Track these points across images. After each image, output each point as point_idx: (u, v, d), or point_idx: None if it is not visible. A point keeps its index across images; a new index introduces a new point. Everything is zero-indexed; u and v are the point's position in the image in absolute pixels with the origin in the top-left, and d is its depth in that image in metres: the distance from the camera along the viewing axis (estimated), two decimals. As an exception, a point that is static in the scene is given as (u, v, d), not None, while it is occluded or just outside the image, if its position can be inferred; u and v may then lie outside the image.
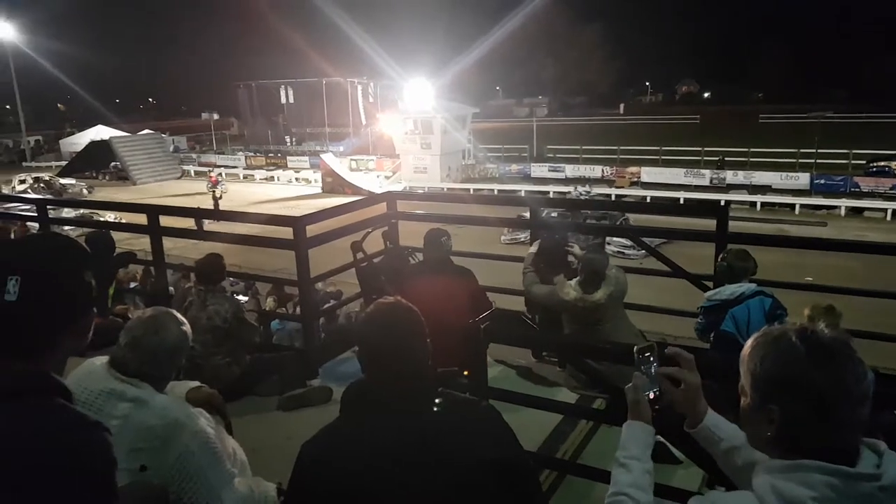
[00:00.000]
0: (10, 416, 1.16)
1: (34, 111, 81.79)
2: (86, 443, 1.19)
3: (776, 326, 1.39)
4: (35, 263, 1.25)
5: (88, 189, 37.74)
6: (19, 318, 1.22)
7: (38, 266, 1.25)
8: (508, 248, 17.23)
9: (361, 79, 47.63)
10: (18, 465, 1.12)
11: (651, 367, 1.63)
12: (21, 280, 1.20)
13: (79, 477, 1.16)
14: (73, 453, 1.17)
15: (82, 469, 1.17)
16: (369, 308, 1.85)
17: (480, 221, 6.18)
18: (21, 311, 1.21)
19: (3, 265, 1.22)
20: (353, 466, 1.61)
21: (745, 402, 1.38)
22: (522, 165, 37.55)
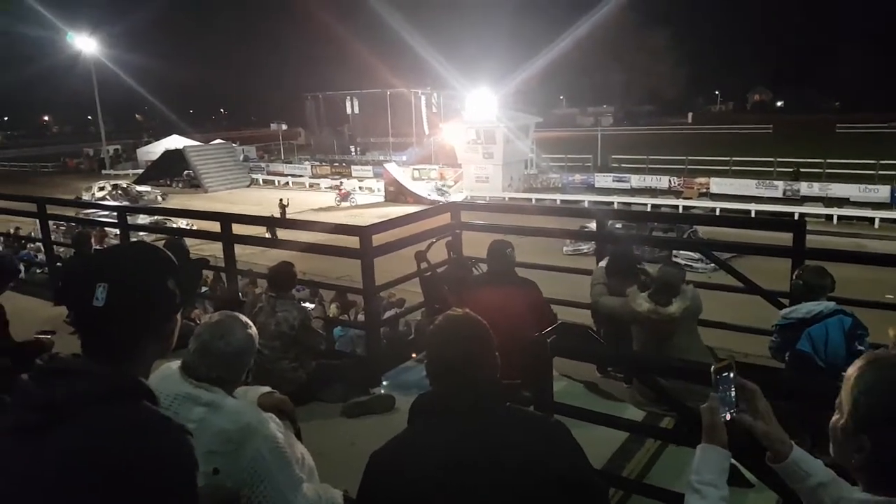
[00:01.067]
0: (102, 419, 1.21)
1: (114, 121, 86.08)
2: (173, 446, 1.24)
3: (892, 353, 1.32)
4: (122, 271, 1.32)
5: (163, 196, 39.36)
6: (107, 322, 1.28)
7: (124, 274, 1.31)
8: (571, 260, 17.02)
9: (425, 89, 48.13)
10: (109, 467, 1.17)
11: (729, 387, 1.57)
12: (108, 287, 1.27)
13: (166, 479, 1.21)
14: (161, 456, 1.21)
15: (169, 471, 1.22)
16: (438, 319, 1.85)
17: (545, 232, 6.13)
18: (108, 317, 1.27)
19: (92, 273, 1.29)
20: (423, 477, 1.62)
21: (837, 419, 1.32)
22: (586, 175, 37.13)
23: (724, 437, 1.55)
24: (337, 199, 31.90)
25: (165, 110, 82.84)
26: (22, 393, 1.26)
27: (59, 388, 1.23)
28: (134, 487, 1.17)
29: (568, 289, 5.67)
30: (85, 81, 60.52)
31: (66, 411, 1.20)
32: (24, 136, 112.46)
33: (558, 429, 1.78)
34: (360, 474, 2.67)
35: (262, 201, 33.29)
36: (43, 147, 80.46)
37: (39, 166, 61.73)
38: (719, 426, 1.56)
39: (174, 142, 51.21)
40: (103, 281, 1.27)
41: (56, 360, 1.29)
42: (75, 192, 37.28)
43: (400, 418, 4.40)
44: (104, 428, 1.20)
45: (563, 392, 4.21)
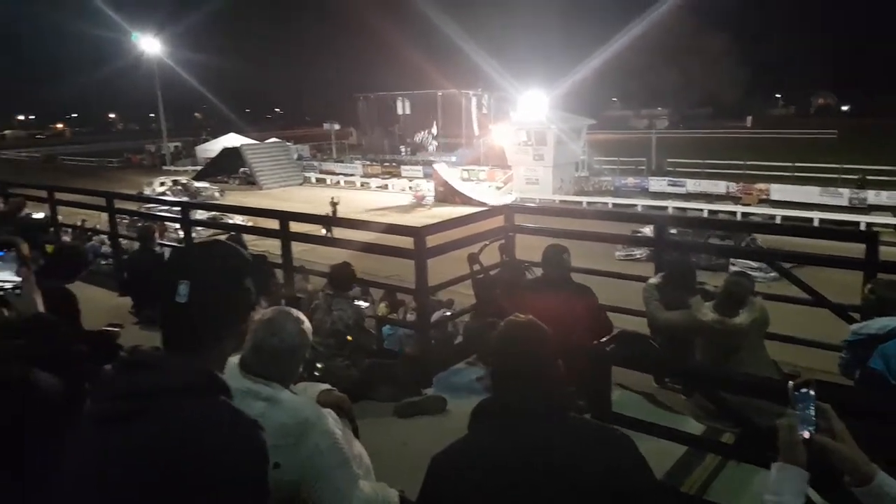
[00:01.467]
0: (181, 412, 1.25)
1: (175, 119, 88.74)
2: (248, 440, 1.27)
3: None
4: (204, 270, 1.36)
5: (220, 192, 40.35)
6: (188, 318, 1.32)
7: (206, 272, 1.36)
8: (623, 265, 16.74)
9: (476, 90, 48.13)
10: (187, 458, 1.20)
11: (809, 405, 1.51)
12: (191, 284, 1.31)
13: (241, 472, 1.24)
14: (237, 450, 1.25)
15: (244, 465, 1.25)
16: (502, 324, 1.84)
17: (598, 237, 6.05)
18: (190, 313, 1.32)
19: (176, 270, 1.33)
20: (485, 483, 1.61)
21: None
22: (640, 179, 36.44)
23: (804, 456, 1.49)
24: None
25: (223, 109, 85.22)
26: (106, 383, 1.31)
27: (142, 379, 1.27)
28: (210, 479, 1.20)
29: (621, 295, 5.58)
30: (148, 80, 62.69)
31: (147, 402, 1.23)
32: (91, 132, 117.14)
33: (624, 441, 1.75)
34: (412, 475, 2.68)
35: (314, 199, 33.80)
36: (108, 143, 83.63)
37: (105, 161, 64.07)
38: (798, 445, 1.50)
39: (231, 140, 52.46)
40: (186, 278, 1.31)
41: (138, 353, 1.34)
42: (137, 186, 38.53)
43: (451, 420, 4.44)
44: (183, 420, 1.24)
45: (619, 402, 4.14)
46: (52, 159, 68.50)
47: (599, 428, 1.83)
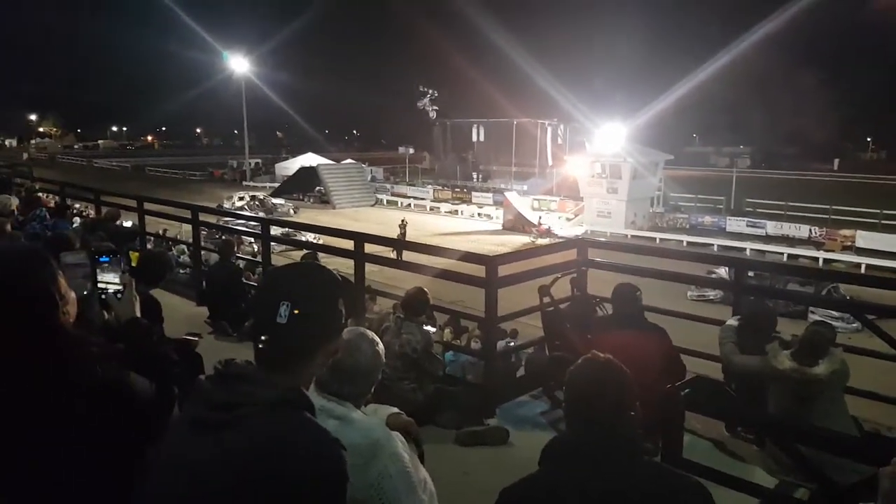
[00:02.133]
0: (271, 425, 1.30)
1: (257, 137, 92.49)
2: (331, 458, 1.31)
3: None
4: (304, 292, 1.42)
5: (294, 209, 41.63)
6: (285, 337, 1.38)
7: (306, 295, 1.42)
8: (696, 306, 16.26)
9: (552, 120, 48.15)
10: (273, 470, 1.25)
11: None
12: (291, 306, 1.36)
13: (322, 488, 1.28)
14: (320, 465, 1.29)
15: (326, 481, 1.29)
16: (580, 362, 1.83)
17: (674, 277, 5.90)
18: (288, 333, 1.38)
19: (277, 292, 1.39)
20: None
21: None
22: (717, 218, 35.40)
23: None
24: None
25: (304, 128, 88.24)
26: (201, 392, 1.37)
27: (235, 391, 1.33)
28: (292, 492, 1.24)
29: (693, 337, 5.41)
30: (235, 98, 65.60)
31: (240, 413, 1.29)
32: (178, 145, 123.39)
33: (700, 491, 1.70)
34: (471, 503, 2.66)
35: (386, 220, 34.39)
36: (194, 157, 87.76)
37: (188, 174, 67.17)
38: None
39: (309, 159, 54.15)
40: (288, 300, 1.37)
41: (232, 366, 1.40)
42: (217, 199, 40.15)
43: (514, 453, 4.39)
44: (272, 433, 1.29)
45: (689, 448, 4.01)
46: (140, 170, 72.44)
47: (674, 475, 1.79)
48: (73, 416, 1.68)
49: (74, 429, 1.68)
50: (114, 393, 1.74)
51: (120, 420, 1.72)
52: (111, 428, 1.71)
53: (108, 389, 1.72)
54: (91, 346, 1.78)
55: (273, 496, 1.25)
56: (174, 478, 1.34)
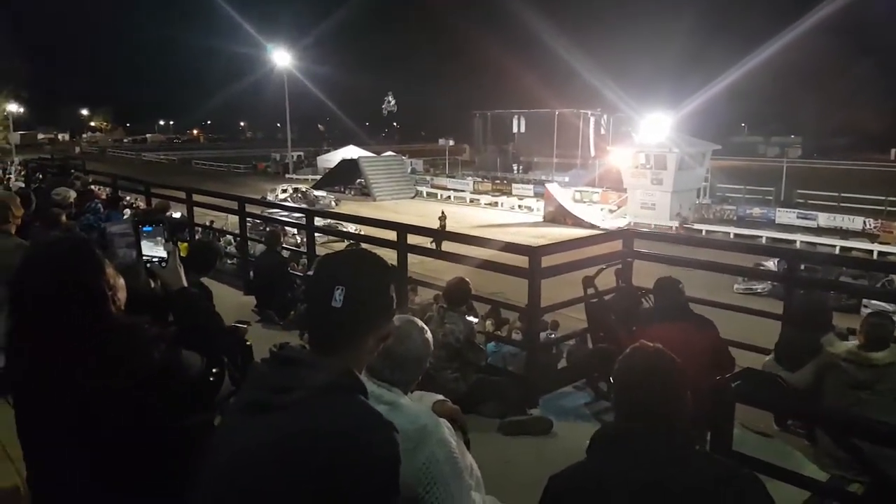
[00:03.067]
0: (326, 407, 1.33)
1: (299, 130, 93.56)
2: (385, 440, 1.33)
3: None
4: (358, 277, 1.45)
5: (335, 202, 42.05)
6: (339, 322, 1.41)
7: (360, 279, 1.45)
8: (742, 299, 15.90)
9: (595, 110, 47.49)
10: (327, 452, 1.27)
11: None
12: (346, 290, 1.39)
13: (376, 470, 1.30)
14: (374, 448, 1.31)
15: (380, 463, 1.31)
16: (629, 351, 1.82)
17: (722, 268, 5.78)
18: (342, 317, 1.40)
19: (332, 277, 1.41)
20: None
21: None
22: (766, 209, 34.46)
23: None
24: None
25: (345, 121, 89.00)
26: (257, 375, 1.41)
27: (291, 374, 1.36)
28: (346, 474, 1.27)
29: (740, 330, 5.29)
30: (277, 92, 66.45)
31: (295, 397, 1.32)
32: (223, 139, 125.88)
33: (754, 482, 1.68)
34: (515, 493, 2.67)
35: (426, 212, 34.49)
36: (238, 150, 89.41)
37: (233, 167, 68.46)
38: None
39: (350, 152, 54.56)
40: (342, 285, 1.40)
41: (287, 350, 1.43)
42: (261, 192, 40.86)
43: (556, 443, 4.37)
44: (327, 416, 1.31)
45: (739, 441, 3.94)
46: (187, 163, 74.17)
47: (727, 465, 1.76)
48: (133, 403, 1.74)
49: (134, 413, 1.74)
50: (169, 375, 1.79)
51: (175, 399, 1.78)
52: (167, 408, 1.77)
53: (164, 372, 1.78)
54: (145, 331, 1.84)
55: (327, 478, 1.27)
56: (230, 460, 1.37)
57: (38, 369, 1.75)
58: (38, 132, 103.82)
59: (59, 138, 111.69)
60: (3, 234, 4.01)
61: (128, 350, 1.76)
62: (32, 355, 1.76)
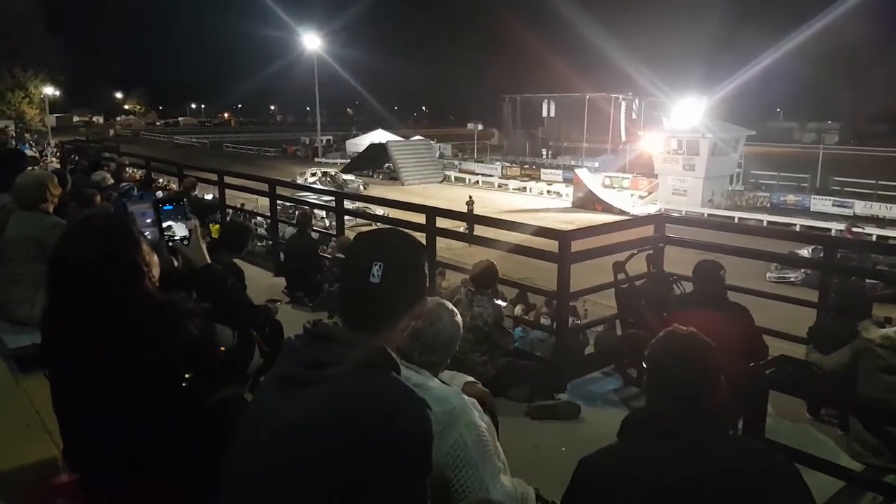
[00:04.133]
0: (361, 383, 1.34)
1: (329, 114, 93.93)
2: (420, 417, 1.33)
3: None
4: (396, 254, 1.46)
5: (364, 186, 42.14)
6: (376, 298, 1.42)
7: (397, 256, 1.45)
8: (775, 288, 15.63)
9: (626, 94, 46.78)
10: (363, 428, 1.28)
11: None
12: (384, 266, 1.40)
13: (411, 446, 1.31)
14: (409, 425, 1.32)
15: (415, 439, 1.32)
16: (662, 335, 1.79)
17: (756, 255, 5.68)
18: (380, 293, 1.41)
19: (370, 253, 1.43)
20: (636, 494, 1.58)
21: None
22: (801, 197, 33.69)
23: None
24: None
25: (373, 105, 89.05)
26: (291, 351, 1.42)
27: (326, 350, 1.37)
28: (380, 451, 1.27)
29: (773, 319, 5.21)
30: (307, 76, 66.60)
31: (329, 372, 1.33)
32: (253, 122, 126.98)
33: (786, 467, 1.66)
34: (543, 476, 2.67)
35: (454, 197, 34.41)
36: (269, 133, 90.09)
37: (263, 150, 68.98)
38: None
39: (378, 136, 54.63)
40: (381, 261, 1.40)
41: (321, 326, 1.44)
42: (290, 175, 41.07)
43: (585, 428, 4.36)
44: (360, 392, 1.32)
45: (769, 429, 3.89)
46: (218, 146, 74.98)
47: (760, 449, 1.74)
48: (169, 375, 1.78)
49: (170, 386, 1.78)
50: (204, 348, 1.82)
51: (209, 371, 1.81)
52: (202, 381, 1.80)
53: (200, 345, 1.81)
54: (180, 306, 1.87)
55: (361, 453, 1.28)
56: (264, 435, 1.39)
57: (74, 343, 1.78)
58: (73, 115, 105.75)
59: (93, 121, 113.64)
60: (42, 212, 4.07)
61: (164, 323, 1.79)
62: (69, 329, 1.80)
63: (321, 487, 1.29)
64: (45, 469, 2.25)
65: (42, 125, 52.38)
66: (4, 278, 4.00)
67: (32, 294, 3.90)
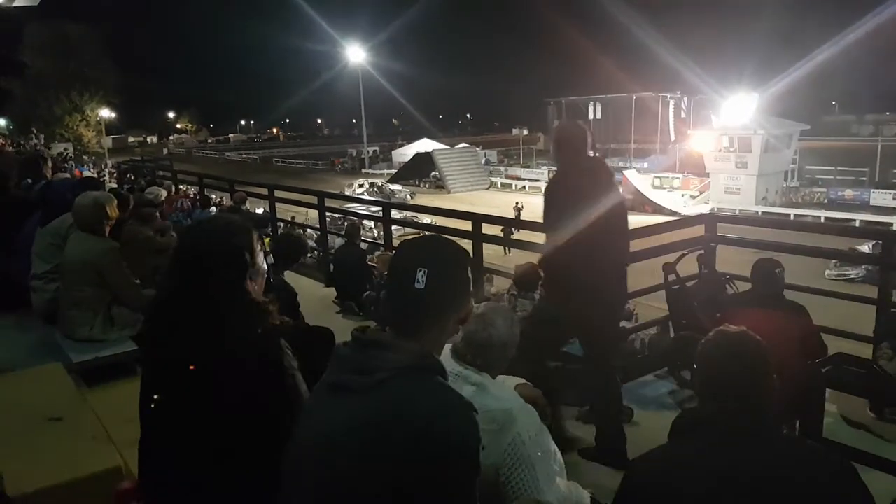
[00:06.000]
0: (410, 389, 1.38)
1: (374, 125, 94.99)
2: (467, 421, 1.36)
3: None
4: (439, 260, 1.49)
5: (411, 195, 42.47)
6: (421, 303, 1.46)
7: (441, 262, 1.49)
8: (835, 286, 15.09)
9: (674, 93, 45.95)
10: (414, 432, 1.32)
11: None
12: (428, 272, 1.43)
13: (460, 450, 1.34)
14: (458, 429, 1.35)
15: (463, 443, 1.35)
16: (712, 334, 1.78)
17: (813, 252, 5.52)
18: (425, 298, 1.45)
19: (414, 259, 1.47)
20: (687, 493, 1.57)
21: None
22: (860, 191, 32.50)
23: None
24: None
25: (418, 115, 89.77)
26: (339, 358, 1.47)
27: (372, 356, 1.42)
28: (428, 455, 1.31)
29: (833, 318, 5.04)
30: (351, 89, 67.56)
31: (376, 378, 1.37)
32: (301, 136, 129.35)
33: (846, 468, 1.62)
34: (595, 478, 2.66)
35: (500, 203, 34.39)
36: (316, 147, 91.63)
37: (311, 163, 70.18)
38: None
39: (424, 145, 54.97)
40: (425, 267, 1.45)
41: (369, 332, 1.49)
42: (339, 187, 41.71)
43: (638, 432, 4.32)
44: (408, 397, 1.37)
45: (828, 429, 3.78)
46: (267, 161, 76.71)
47: (815, 449, 1.71)
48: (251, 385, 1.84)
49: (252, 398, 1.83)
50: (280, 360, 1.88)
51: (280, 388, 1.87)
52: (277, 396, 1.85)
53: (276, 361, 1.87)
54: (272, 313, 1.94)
55: (410, 457, 1.32)
56: (314, 441, 1.44)
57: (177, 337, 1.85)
58: (128, 136, 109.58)
59: (147, 141, 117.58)
60: (98, 235, 4.16)
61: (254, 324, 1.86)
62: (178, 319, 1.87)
63: (372, 492, 1.33)
64: (111, 478, 2.36)
65: (99, 147, 54.38)
66: (65, 299, 4.15)
67: (92, 317, 4.07)
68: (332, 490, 1.38)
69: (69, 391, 3.20)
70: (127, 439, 2.19)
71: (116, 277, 4.11)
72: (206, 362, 1.80)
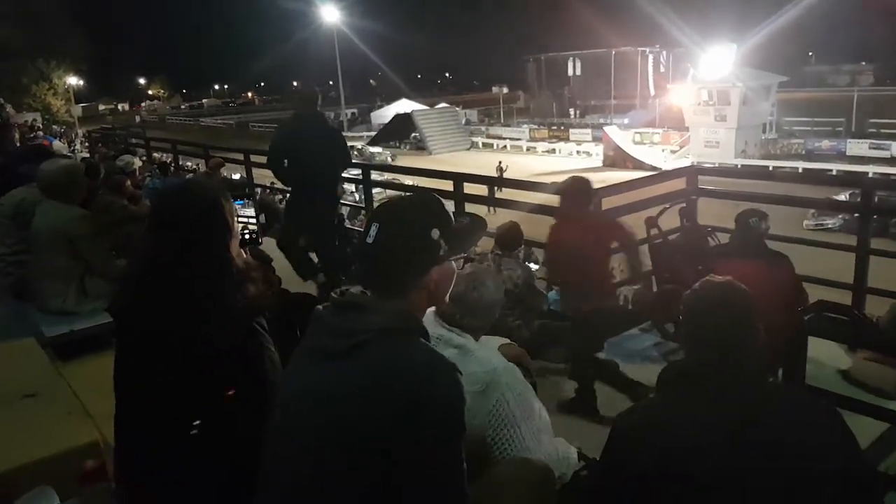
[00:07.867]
0: (393, 350, 1.34)
1: (351, 87, 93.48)
2: (451, 382, 1.33)
3: None
4: (395, 215, 1.46)
5: (392, 157, 42.12)
6: (373, 257, 1.42)
7: (397, 217, 1.45)
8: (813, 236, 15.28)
9: (653, 47, 45.62)
10: (400, 394, 1.28)
11: None
12: (379, 227, 1.41)
13: (445, 411, 1.31)
14: (442, 390, 1.32)
15: (448, 405, 1.32)
16: (697, 285, 1.75)
17: (792, 202, 5.53)
18: (374, 252, 1.42)
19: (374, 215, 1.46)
20: (673, 446, 1.56)
21: None
22: (836, 141, 32.73)
23: None
24: None
25: (396, 76, 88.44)
26: (319, 321, 1.42)
27: (351, 319, 1.37)
28: (411, 417, 1.27)
29: (812, 266, 5.07)
30: (328, 49, 66.16)
31: (356, 340, 1.33)
32: (276, 99, 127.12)
33: (831, 414, 1.62)
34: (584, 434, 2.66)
35: (483, 164, 34.22)
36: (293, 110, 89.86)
37: (289, 127, 68.85)
38: None
39: (403, 106, 54.32)
40: (377, 222, 1.42)
41: (347, 295, 1.44)
42: (318, 151, 41.14)
43: (624, 386, 4.27)
44: (388, 358, 1.33)
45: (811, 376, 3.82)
46: (244, 126, 75.43)
47: (802, 397, 1.70)
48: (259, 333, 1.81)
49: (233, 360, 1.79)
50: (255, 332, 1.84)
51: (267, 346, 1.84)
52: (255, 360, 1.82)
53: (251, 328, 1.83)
54: (255, 281, 1.90)
55: (394, 419, 1.29)
56: (295, 407, 1.41)
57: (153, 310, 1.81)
58: (98, 104, 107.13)
59: (119, 108, 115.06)
60: (68, 203, 4.03)
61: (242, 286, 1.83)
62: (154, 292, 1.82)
63: (358, 455, 1.30)
64: (89, 452, 2.32)
65: (69, 116, 53.04)
66: (37, 270, 4.04)
67: (64, 287, 3.95)
68: (315, 456, 1.35)
69: (43, 366, 3.13)
70: (103, 413, 2.14)
71: (89, 246, 3.99)
72: (185, 333, 1.75)
